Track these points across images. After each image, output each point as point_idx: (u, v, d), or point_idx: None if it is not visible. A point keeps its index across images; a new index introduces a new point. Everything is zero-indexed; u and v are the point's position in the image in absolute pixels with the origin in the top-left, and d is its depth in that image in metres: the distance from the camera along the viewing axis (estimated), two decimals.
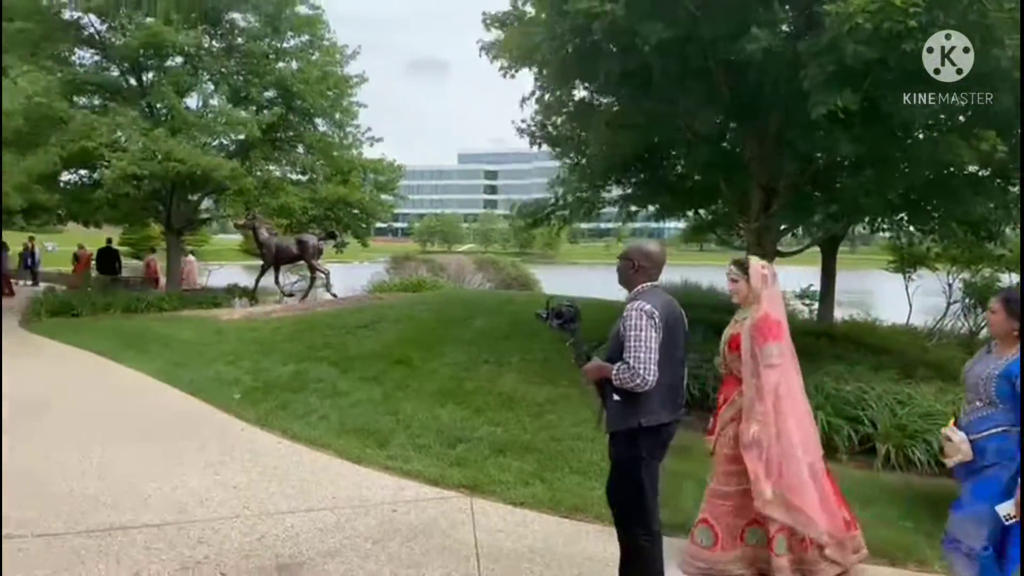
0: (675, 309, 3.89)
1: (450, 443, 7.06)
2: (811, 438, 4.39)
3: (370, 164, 21.45)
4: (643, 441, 3.75)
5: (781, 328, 4.29)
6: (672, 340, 3.76)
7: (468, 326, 11.62)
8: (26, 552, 4.57)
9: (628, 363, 3.61)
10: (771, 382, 4.19)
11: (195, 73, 18.97)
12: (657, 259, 3.96)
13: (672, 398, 3.85)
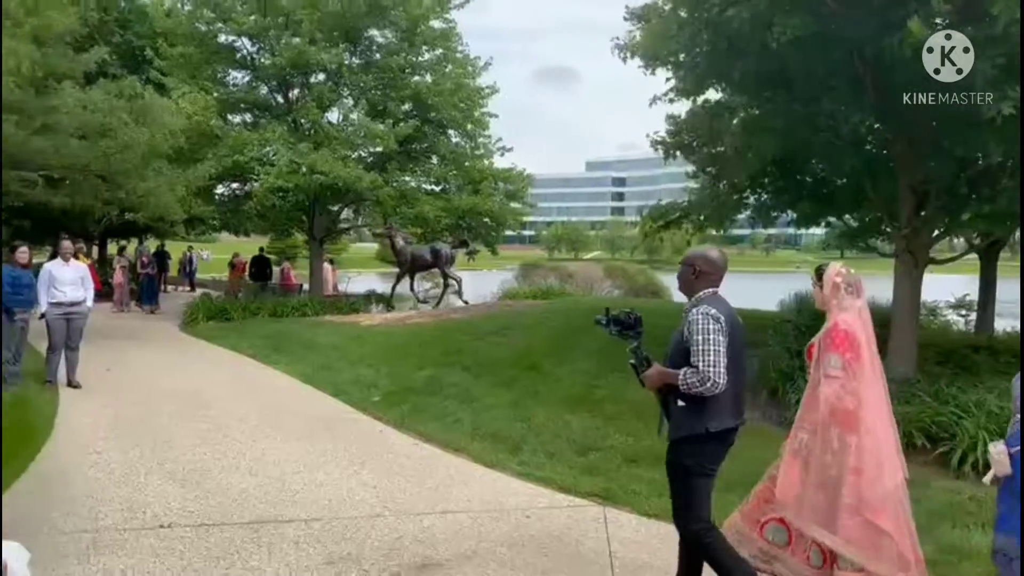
0: (736, 317, 3.85)
1: (581, 451, 7.05)
2: (892, 460, 4.05)
3: (500, 173, 21.77)
4: (708, 447, 3.75)
5: (848, 340, 4.01)
6: (735, 347, 3.71)
7: (597, 334, 11.46)
8: (186, 541, 4.89)
9: (697, 367, 3.58)
10: (826, 393, 3.97)
11: (336, 89, 19.89)
12: (719, 265, 3.91)
13: (736, 404, 3.82)
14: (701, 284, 3.88)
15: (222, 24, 19.16)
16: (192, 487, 5.93)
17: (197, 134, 16.99)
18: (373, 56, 20.23)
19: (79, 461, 6.55)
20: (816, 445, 3.96)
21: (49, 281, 9.35)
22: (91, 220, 21.24)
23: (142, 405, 8.72)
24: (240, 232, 24.77)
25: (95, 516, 5.27)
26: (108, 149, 12.46)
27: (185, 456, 6.75)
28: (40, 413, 8.08)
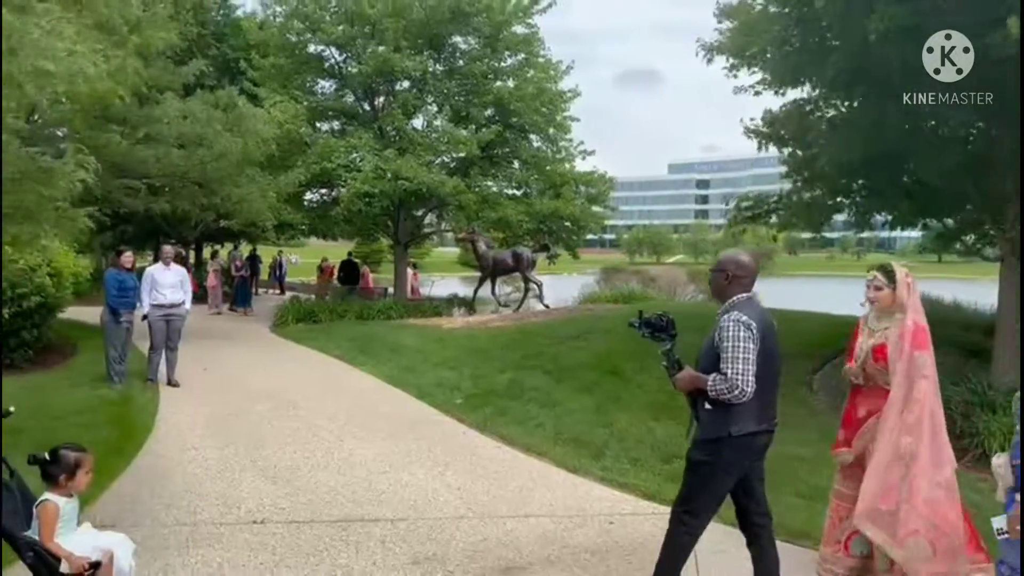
0: (769, 320, 3.83)
1: (665, 458, 6.95)
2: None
3: (582, 177, 21.72)
4: (727, 449, 3.76)
5: (928, 338, 4.12)
6: (767, 352, 3.71)
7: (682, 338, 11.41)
8: (278, 537, 5.05)
9: (726, 374, 3.61)
10: (922, 391, 4.01)
11: (421, 96, 20.23)
12: (750, 269, 3.91)
13: (764, 409, 3.79)
14: (734, 289, 3.87)
15: (311, 34, 19.76)
16: (283, 484, 6.12)
17: (287, 142, 17.55)
18: (456, 62, 20.50)
19: (178, 456, 6.85)
20: (922, 446, 3.97)
21: (151, 284, 9.83)
22: (188, 226, 22.20)
23: (236, 404, 9.05)
24: (328, 237, 25.47)
25: (193, 510, 5.50)
26: (205, 157, 13.00)
27: (276, 454, 6.97)
28: (143, 410, 8.49)
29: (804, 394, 9.22)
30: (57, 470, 3.51)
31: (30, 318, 10.14)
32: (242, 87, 19.21)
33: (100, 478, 5.93)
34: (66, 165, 5.12)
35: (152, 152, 12.49)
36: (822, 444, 7.20)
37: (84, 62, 4.77)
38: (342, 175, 18.26)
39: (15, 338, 10.10)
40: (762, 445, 3.89)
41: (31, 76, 4.71)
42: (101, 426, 7.58)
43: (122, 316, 9.60)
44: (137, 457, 6.79)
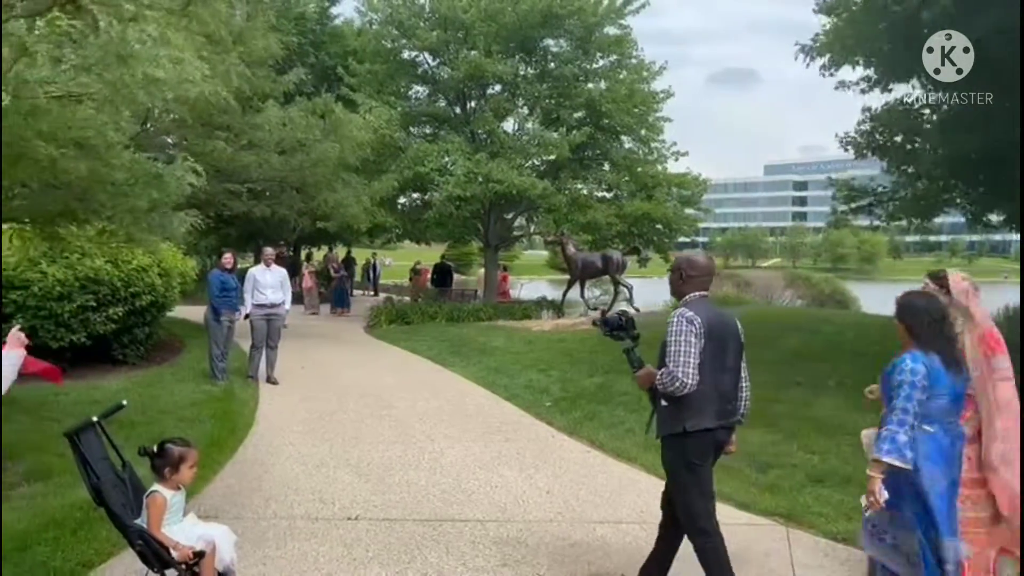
0: (725, 319, 4.00)
1: (760, 468, 6.73)
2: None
3: (675, 179, 21.42)
4: (688, 444, 3.88)
5: (1002, 341, 3.94)
6: (720, 348, 3.86)
7: (777, 345, 11.07)
8: (371, 534, 5.14)
9: (668, 367, 3.77)
10: (1006, 396, 3.84)
11: (512, 99, 20.35)
12: (703, 269, 4.04)
13: (720, 404, 3.90)
14: (688, 287, 4.03)
15: (406, 40, 20.16)
16: (376, 482, 6.23)
17: (382, 146, 17.94)
18: (547, 65, 20.54)
19: (277, 452, 7.06)
20: (1012, 451, 3.80)
21: (253, 284, 10.19)
22: (286, 229, 22.95)
23: (331, 401, 9.29)
24: (420, 240, 25.89)
25: (290, 504, 5.65)
26: (303, 163, 13.42)
27: (369, 452, 7.10)
28: (244, 406, 8.82)
29: None
30: (162, 463, 3.66)
31: (142, 316, 10.66)
32: (339, 93, 19.77)
33: (203, 471, 6.19)
34: (176, 170, 5.36)
35: (254, 158, 12.99)
36: None
37: (191, 68, 4.96)
38: (435, 179, 18.56)
39: (128, 335, 10.64)
40: (720, 441, 4.00)
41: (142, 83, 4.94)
42: (205, 420, 7.91)
43: (223, 315, 9.99)
44: (238, 451, 7.05)
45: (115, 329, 10.19)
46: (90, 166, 5.08)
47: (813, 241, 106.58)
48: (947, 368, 3.66)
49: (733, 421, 4.06)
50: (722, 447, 4.06)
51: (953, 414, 3.74)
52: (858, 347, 10.98)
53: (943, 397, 3.67)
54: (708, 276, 4.06)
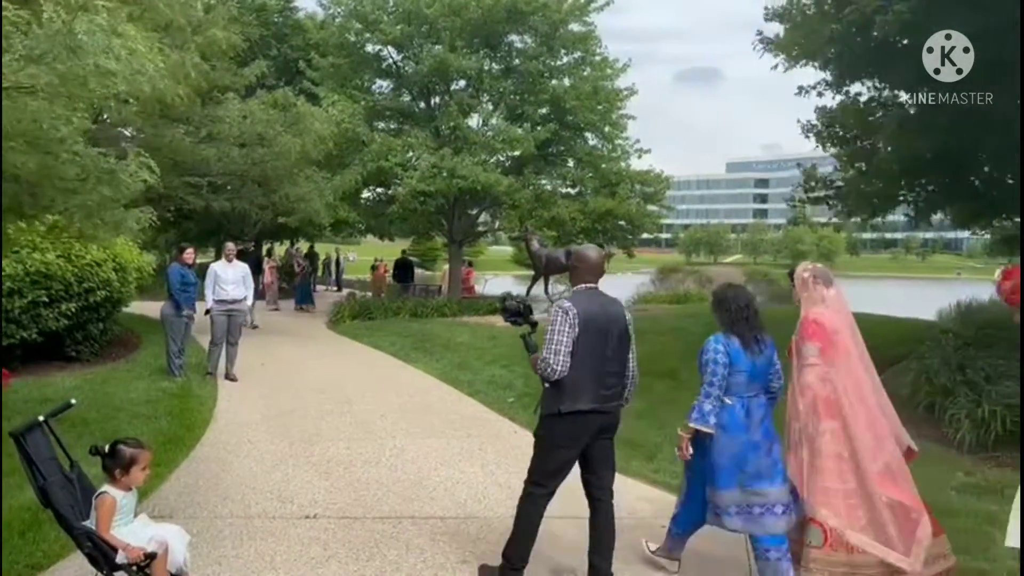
0: (609, 311, 4.22)
1: None
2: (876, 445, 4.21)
3: (638, 176, 21.52)
4: (560, 426, 4.15)
5: (820, 329, 4.23)
6: (600, 338, 4.11)
7: None
8: (330, 532, 5.09)
9: (542, 354, 4.09)
10: (808, 380, 4.19)
11: (476, 95, 20.28)
12: (588, 263, 4.31)
13: (594, 389, 4.11)
14: (576, 279, 4.35)
15: (369, 34, 19.97)
16: (336, 480, 6.17)
17: (345, 141, 17.78)
18: (512, 61, 20.51)
19: (235, 449, 6.97)
20: (806, 432, 4.17)
21: (214, 280, 10.04)
22: (247, 223, 22.66)
23: (291, 398, 9.19)
24: (384, 236, 25.73)
25: (247, 503, 5.58)
26: (264, 156, 13.23)
27: (329, 449, 7.04)
28: (202, 403, 8.67)
29: None
30: (113, 464, 3.58)
31: (96, 312, 10.44)
32: (301, 87, 19.55)
33: (159, 469, 6.10)
34: (128, 166, 5.21)
35: (214, 151, 12.77)
36: None
37: (144, 60, 4.84)
38: (398, 174, 18.44)
39: (82, 331, 10.42)
40: (597, 425, 4.19)
41: (94, 75, 4.81)
42: (161, 418, 7.77)
43: (184, 310, 9.82)
44: (195, 449, 6.94)
45: (68, 325, 9.96)
46: (40, 160, 4.94)
47: (773, 238, 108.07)
48: (745, 349, 4.18)
49: (610, 406, 4.22)
50: (601, 431, 4.25)
51: (752, 389, 4.21)
52: None
53: (741, 374, 4.17)
54: (595, 269, 4.31)
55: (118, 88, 5.24)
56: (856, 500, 4.13)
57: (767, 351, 4.23)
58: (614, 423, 4.33)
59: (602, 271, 4.37)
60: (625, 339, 4.26)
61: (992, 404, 7.06)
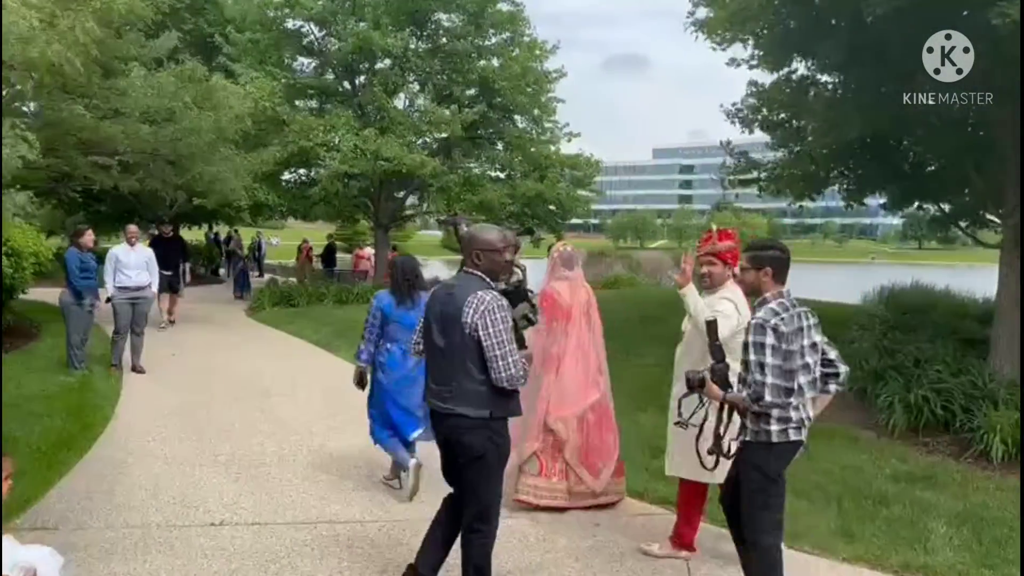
0: (448, 295, 3.67)
1: (655, 453, 6.54)
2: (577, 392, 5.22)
3: (567, 160, 21.34)
4: None
5: (551, 302, 5.19)
6: (429, 327, 3.74)
7: (668, 324, 10.98)
8: (236, 541, 4.65)
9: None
10: (536, 344, 4.87)
11: (402, 74, 19.71)
12: (468, 243, 3.72)
13: (429, 381, 3.79)
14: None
15: (289, 9, 19.14)
16: (246, 481, 5.71)
17: (264, 120, 17.00)
18: (439, 40, 20.01)
19: (136, 449, 6.42)
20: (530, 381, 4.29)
21: (115, 265, 9.35)
22: (163, 205, 21.54)
23: (203, 392, 8.62)
24: (307, 218, 24.87)
25: (146, 510, 5.08)
26: (175, 133, 12.44)
27: (241, 448, 6.56)
28: (104, 398, 8.03)
29: None
30: None
31: None
32: (218, 63, 18.60)
33: (48, 474, 5.55)
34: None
35: (120, 127, 11.93)
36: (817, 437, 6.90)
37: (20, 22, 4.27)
38: (320, 154, 17.75)
39: None
40: (437, 421, 3.74)
41: None
42: (56, 415, 7.12)
43: (85, 298, 9.10)
44: (92, 450, 6.35)
45: None
46: None
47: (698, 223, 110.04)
48: (398, 304, 5.34)
49: (445, 401, 3.62)
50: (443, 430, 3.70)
51: (407, 336, 5.02)
52: None
53: (395, 324, 5.33)
54: (470, 249, 3.70)
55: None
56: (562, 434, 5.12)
57: (420, 307, 4.77)
58: (447, 426, 3.65)
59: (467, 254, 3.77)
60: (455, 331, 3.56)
61: (922, 389, 7.04)
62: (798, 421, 3.51)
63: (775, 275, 3.55)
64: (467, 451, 3.60)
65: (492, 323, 3.50)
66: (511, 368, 3.50)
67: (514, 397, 3.69)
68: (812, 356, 3.55)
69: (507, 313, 3.58)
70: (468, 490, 3.71)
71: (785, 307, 3.45)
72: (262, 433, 7.04)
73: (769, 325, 3.36)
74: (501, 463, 3.71)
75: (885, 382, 7.47)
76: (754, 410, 3.44)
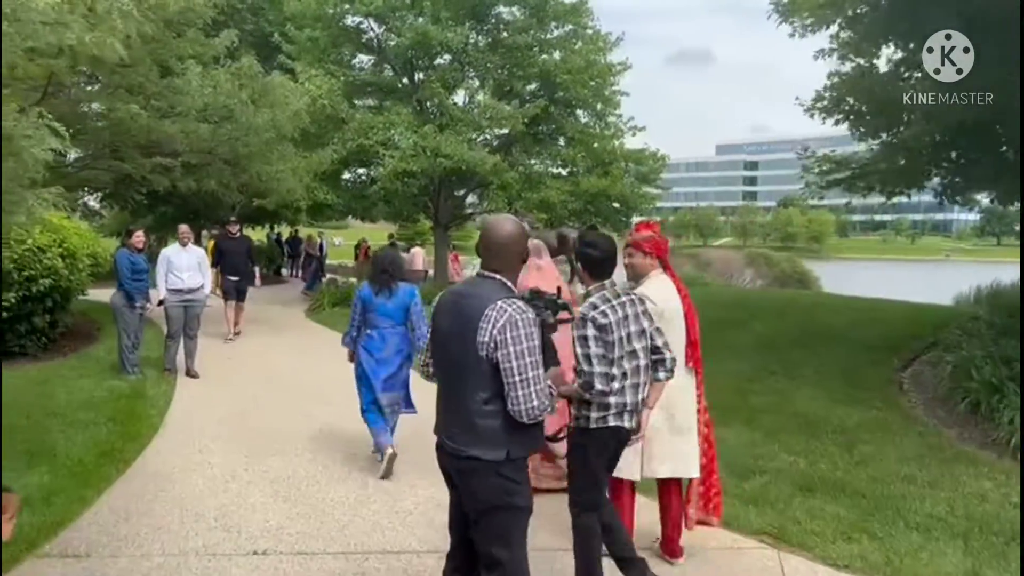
0: (463, 309, 2.96)
1: (741, 473, 5.90)
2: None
3: (632, 155, 20.63)
4: None
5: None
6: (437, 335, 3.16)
7: (748, 329, 10.31)
8: (280, 572, 4.18)
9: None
10: None
11: (462, 69, 19.26)
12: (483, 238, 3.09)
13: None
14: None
15: (349, 5, 18.88)
16: (294, 502, 5.24)
17: (323, 118, 16.77)
18: (500, 34, 19.50)
19: (180, 463, 6.02)
20: None
21: (167, 267, 9.06)
22: (225, 206, 21.57)
23: (256, 399, 8.25)
24: (366, 218, 24.68)
25: (185, 534, 4.64)
26: (232, 132, 12.20)
27: (292, 462, 6.11)
28: (153, 405, 7.71)
29: (894, 395, 8.05)
30: None
31: (41, 302, 9.41)
32: (279, 62, 18.46)
33: (85, 491, 5.19)
34: (24, 128, 4.13)
35: (178, 127, 11.74)
36: (929, 458, 6.13)
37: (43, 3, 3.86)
38: (380, 152, 17.41)
39: (25, 324, 9.40)
40: (443, 459, 3.13)
41: None
42: (102, 424, 6.81)
43: (137, 301, 8.83)
44: (135, 462, 5.98)
45: (8, 317, 8.95)
46: None
47: (763, 220, 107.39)
48: (376, 295, 5.90)
49: (447, 444, 3.04)
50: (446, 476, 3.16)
51: (385, 323, 5.91)
52: (835, 330, 10.29)
53: (374, 312, 5.92)
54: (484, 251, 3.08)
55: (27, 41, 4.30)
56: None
57: (398, 296, 5.89)
58: (462, 483, 3.03)
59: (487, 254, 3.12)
60: (463, 342, 2.92)
61: None
62: (618, 407, 3.59)
63: (591, 271, 3.71)
64: (477, 501, 2.96)
65: (515, 341, 2.81)
66: (533, 399, 2.82)
67: (537, 427, 2.98)
68: (639, 342, 3.66)
69: (534, 328, 2.88)
70: (483, 551, 2.99)
71: (606, 299, 3.57)
72: (314, 446, 6.59)
73: (588, 318, 3.49)
74: (522, 515, 3.00)
75: (1003, 395, 6.62)
76: (586, 399, 3.53)
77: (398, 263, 6.15)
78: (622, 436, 3.67)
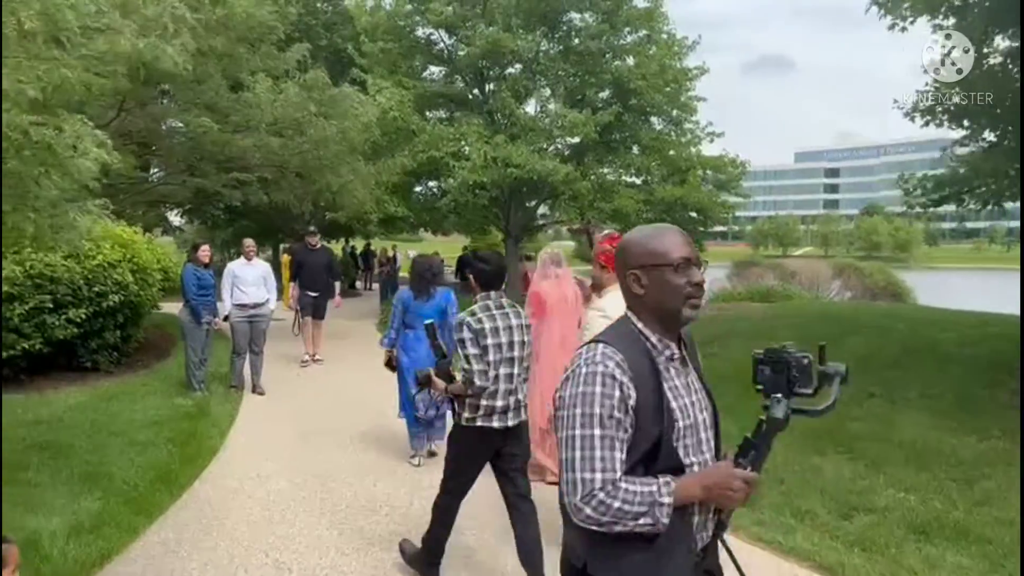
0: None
1: (843, 512, 5.27)
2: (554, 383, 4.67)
3: (710, 162, 19.88)
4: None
5: (537, 300, 5.76)
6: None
7: (841, 347, 9.54)
8: None
9: None
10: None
11: (533, 78, 18.95)
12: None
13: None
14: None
15: (420, 16, 18.78)
16: (352, 536, 4.87)
17: (394, 130, 16.65)
18: (571, 41, 19.11)
19: (237, 488, 5.75)
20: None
21: (232, 281, 8.92)
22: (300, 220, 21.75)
23: (321, 419, 7.96)
24: (438, 231, 24.57)
25: (234, 571, 4.32)
26: (302, 145, 12.13)
27: (352, 487, 5.77)
28: (215, 425, 7.50)
29: (1014, 422, 7.20)
30: None
31: (112, 318, 9.39)
32: (352, 77, 18.48)
33: (136, 520, 4.93)
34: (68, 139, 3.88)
35: (251, 141, 11.74)
36: None
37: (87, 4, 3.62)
38: (450, 164, 17.18)
39: (97, 339, 9.39)
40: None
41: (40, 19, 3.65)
42: (161, 445, 6.61)
43: (204, 316, 8.70)
44: (190, 488, 5.73)
45: (79, 333, 8.94)
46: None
47: (845, 229, 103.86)
48: (416, 298, 6.25)
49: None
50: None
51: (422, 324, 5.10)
52: (940, 348, 9.45)
53: (413, 314, 6.16)
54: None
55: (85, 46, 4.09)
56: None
57: (435, 299, 6.24)
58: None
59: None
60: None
61: None
62: (487, 409, 3.88)
63: (480, 283, 4.05)
64: None
65: None
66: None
67: None
68: (516, 352, 3.95)
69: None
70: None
71: (486, 308, 3.94)
72: (379, 470, 6.24)
73: (464, 323, 3.84)
74: None
75: None
76: (468, 395, 3.86)
77: (436, 269, 6.54)
78: (492, 437, 3.95)
